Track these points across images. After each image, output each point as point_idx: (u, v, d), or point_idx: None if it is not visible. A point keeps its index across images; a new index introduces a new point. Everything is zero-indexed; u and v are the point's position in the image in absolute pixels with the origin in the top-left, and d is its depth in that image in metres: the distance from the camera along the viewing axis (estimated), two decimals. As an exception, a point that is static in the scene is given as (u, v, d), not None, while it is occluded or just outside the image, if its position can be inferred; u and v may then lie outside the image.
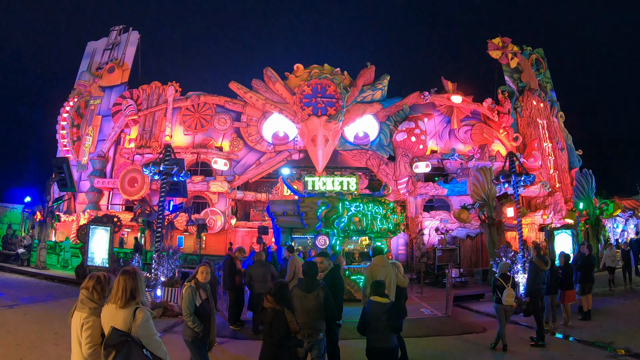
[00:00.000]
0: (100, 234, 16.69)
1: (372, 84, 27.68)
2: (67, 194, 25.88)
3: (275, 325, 4.99)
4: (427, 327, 11.21)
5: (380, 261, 7.72)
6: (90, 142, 29.40)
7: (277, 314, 5.03)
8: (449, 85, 28.91)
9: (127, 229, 25.21)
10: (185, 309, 5.75)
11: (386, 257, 8.26)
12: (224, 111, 28.34)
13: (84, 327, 3.80)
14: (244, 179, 27.61)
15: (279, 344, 4.97)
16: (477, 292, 16.67)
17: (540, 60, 32.49)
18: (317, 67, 27.59)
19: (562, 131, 30.01)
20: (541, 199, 26.48)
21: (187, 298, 5.78)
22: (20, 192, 30.39)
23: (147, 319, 3.75)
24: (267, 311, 5.14)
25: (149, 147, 27.52)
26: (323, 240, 16.45)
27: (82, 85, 31.07)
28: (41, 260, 20.17)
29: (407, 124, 27.40)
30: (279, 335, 4.96)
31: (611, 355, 8.63)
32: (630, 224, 26.34)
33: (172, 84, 28.81)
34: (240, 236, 27.14)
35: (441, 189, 26.66)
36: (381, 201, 17.58)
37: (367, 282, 7.34)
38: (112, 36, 33.26)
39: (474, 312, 13.86)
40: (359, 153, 27.45)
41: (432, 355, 8.89)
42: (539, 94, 29.97)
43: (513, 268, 13.67)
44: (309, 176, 18.91)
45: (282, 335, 4.96)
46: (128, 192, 26.15)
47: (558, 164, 28.44)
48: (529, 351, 9.06)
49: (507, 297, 9.02)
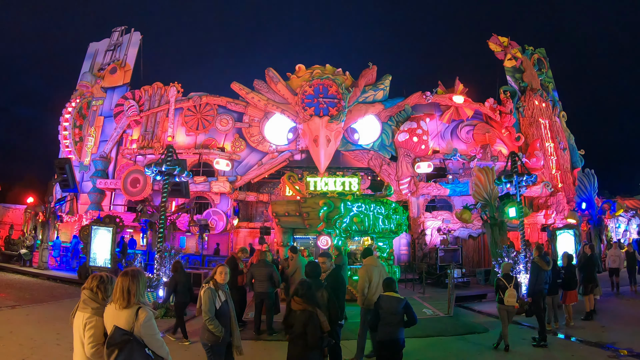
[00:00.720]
0: (102, 235, 16.73)
1: (374, 84, 27.67)
2: (70, 195, 25.93)
3: (311, 327, 4.91)
4: (429, 328, 11.19)
5: (373, 261, 8.14)
6: (93, 143, 29.45)
7: (311, 315, 4.97)
8: (460, 86, 28.85)
9: (129, 229, 25.24)
10: (207, 312, 5.49)
11: (375, 257, 8.57)
12: (226, 112, 28.37)
13: (87, 327, 3.81)
14: (246, 180, 27.61)
15: (313, 345, 4.91)
16: (480, 292, 16.64)
17: (542, 60, 32.46)
18: (318, 68, 27.60)
19: (564, 131, 29.99)
20: (543, 199, 26.46)
21: (207, 301, 5.53)
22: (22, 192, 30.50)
23: (149, 318, 3.76)
24: (296, 313, 5.07)
25: (151, 148, 27.56)
26: (325, 241, 16.44)
27: (84, 86, 31.16)
28: (43, 260, 20.22)
29: (409, 124, 27.39)
30: (315, 337, 4.89)
31: (613, 355, 8.61)
32: (632, 224, 26.26)
33: (174, 84, 28.84)
34: (243, 237, 27.14)
35: (443, 189, 26.64)
36: (383, 201, 17.56)
37: (364, 282, 7.70)
38: (114, 37, 33.34)
39: (476, 312, 13.83)
40: (361, 153, 27.44)
41: (434, 356, 8.88)
42: (541, 93, 29.96)
43: (515, 268, 13.65)
44: (311, 176, 18.89)
45: (317, 336, 4.90)
46: (130, 192, 26.19)
47: (560, 164, 28.42)
48: (531, 352, 9.04)
49: (509, 297, 9.00)
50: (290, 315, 5.20)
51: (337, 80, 26.53)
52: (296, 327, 5.04)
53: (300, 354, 5.00)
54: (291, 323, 5.16)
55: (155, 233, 17.37)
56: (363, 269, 7.89)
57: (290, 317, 5.18)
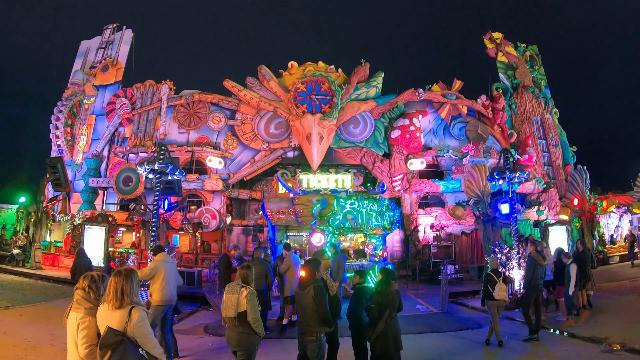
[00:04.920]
0: (95, 234, 16.67)
1: (367, 81, 27.66)
2: (62, 194, 25.76)
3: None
4: (422, 324, 11.26)
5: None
6: (85, 141, 29.25)
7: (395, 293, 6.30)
8: (457, 84, 28.89)
9: (122, 228, 25.12)
10: (257, 316, 5.55)
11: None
12: (218, 109, 28.25)
13: (80, 327, 3.81)
14: (239, 177, 27.55)
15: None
16: (473, 288, 16.74)
17: (534, 57, 32.60)
18: (311, 65, 27.55)
19: (556, 128, 30.17)
20: (535, 195, 26.60)
21: (255, 304, 5.55)
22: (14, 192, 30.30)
23: (142, 318, 3.76)
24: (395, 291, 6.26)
25: (144, 146, 27.41)
26: (318, 238, 16.49)
27: (76, 84, 30.89)
28: (36, 260, 20.10)
29: (402, 121, 27.40)
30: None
31: (607, 350, 8.69)
32: (624, 220, 26.46)
33: (166, 82, 28.66)
34: (236, 234, 27.09)
35: (436, 186, 26.71)
36: (376, 198, 17.62)
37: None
38: (105, 35, 33.08)
39: (469, 308, 13.93)
40: (354, 150, 27.44)
41: (428, 352, 8.94)
42: (533, 90, 30.11)
43: (508, 264, 13.74)
44: (303, 174, 18.92)
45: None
46: (123, 191, 26.04)
47: (552, 161, 28.59)
48: (523, 347, 9.12)
49: (500, 291, 9.07)
50: (380, 297, 6.23)
51: (330, 77, 26.50)
52: (397, 304, 6.36)
53: (399, 324, 6.44)
54: (388, 304, 6.16)
55: (148, 231, 17.34)
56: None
57: (382, 298, 6.22)
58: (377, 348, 6.15)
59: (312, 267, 6.11)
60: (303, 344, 5.90)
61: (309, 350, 5.81)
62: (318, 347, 5.81)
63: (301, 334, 5.90)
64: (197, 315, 13.09)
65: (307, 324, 5.81)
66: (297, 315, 6.17)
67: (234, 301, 5.52)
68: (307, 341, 5.82)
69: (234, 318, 5.49)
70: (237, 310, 5.47)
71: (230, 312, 5.53)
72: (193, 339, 10.06)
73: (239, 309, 5.47)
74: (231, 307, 5.52)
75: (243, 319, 5.47)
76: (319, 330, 5.83)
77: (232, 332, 5.61)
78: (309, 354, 5.82)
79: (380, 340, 6.08)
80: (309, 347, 5.81)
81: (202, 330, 10.94)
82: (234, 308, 5.50)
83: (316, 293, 5.76)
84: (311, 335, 5.80)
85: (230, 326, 5.62)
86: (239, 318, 5.49)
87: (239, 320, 5.49)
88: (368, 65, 27.45)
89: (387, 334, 6.05)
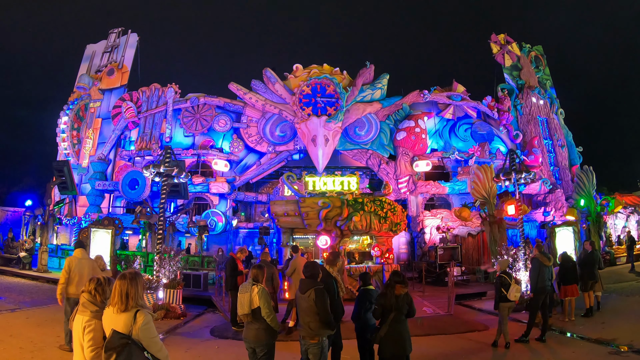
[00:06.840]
0: (101, 237, 16.71)
1: (372, 83, 27.66)
2: (68, 197, 25.88)
3: (412, 304, 6.20)
4: (429, 326, 11.21)
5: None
6: (91, 145, 29.38)
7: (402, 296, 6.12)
8: (459, 87, 28.85)
9: (128, 231, 25.19)
10: (271, 311, 5.75)
11: None
12: (223, 112, 28.31)
13: (86, 330, 3.82)
14: (245, 180, 27.60)
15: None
16: (479, 290, 16.67)
17: (539, 57, 32.52)
18: (316, 67, 27.57)
19: (562, 128, 30.06)
20: (542, 196, 26.47)
21: (267, 299, 5.75)
22: (21, 195, 30.48)
23: (147, 321, 3.75)
24: (401, 297, 6.07)
25: (149, 149, 27.53)
26: (325, 241, 16.46)
27: (82, 88, 31.06)
28: (42, 263, 20.19)
29: (407, 123, 27.40)
30: (414, 311, 6.26)
31: (614, 351, 8.61)
32: (631, 220, 26.31)
33: (171, 85, 28.77)
34: (242, 237, 27.14)
35: (442, 188, 26.66)
36: (382, 200, 17.58)
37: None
38: (111, 39, 33.25)
39: (476, 310, 13.86)
40: (359, 152, 27.44)
41: (435, 354, 8.89)
42: (539, 91, 30.01)
43: (515, 266, 13.65)
44: (309, 176, 18.90)
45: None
46: (129, 194, 26.13)
47: (558, 161, 28.47)
48: (531, 348, 9.06)
49: (515, 292, 8.95)
50: (394, 300, 6.07)
51: (335, 79, 26.50)
52: (403, 308, 6.08)
53: (407, 328, 6.18)
54: (392, 307, 6.06)
55: (154, 234, 17.37)
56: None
57: (394, 301, 6.07)
58: (382, 352, 6.11)
59: (315, 270, 6.12)
60: (305, 348, 5.87)
61: (311, 353, 5.77)
62: (320, 350, 5.78)
63: (303, 338, 5.87)
64: (203, 318, 13.08)
65: (309, 327, 5.77)
66: (298, 318, 6.15)
67: (247, 299, 5.73)
68: (309, 344, 5.79)
69: (249, 314, 5.71)
70: (250, 307, 5.69)
71: (245, 309, 5.73)
72: (199, 341, 10.06)
73: (252, 306, 5.69)
74: (245, 305, 5.73)
75: (257, 315, 5.68)
76: (321, 334, 5.79)
77: (249, 329, 5.83)
78: (311, 357, 5.78)
79: (386, 344, 6.04)
80: (310, 350, 5.78)
81: (208, 333, 10.94)
82: (247, 305, 5.71)
83: (317, 296, 5.73)
84: (313, 338, 5.77)
85: (247, 323, 5.84)
86: (253, 314, 5.70)
87: (253, 316, 5.70)
88: (373, 67, 27.46)
89: (393, 338, 6.00)
